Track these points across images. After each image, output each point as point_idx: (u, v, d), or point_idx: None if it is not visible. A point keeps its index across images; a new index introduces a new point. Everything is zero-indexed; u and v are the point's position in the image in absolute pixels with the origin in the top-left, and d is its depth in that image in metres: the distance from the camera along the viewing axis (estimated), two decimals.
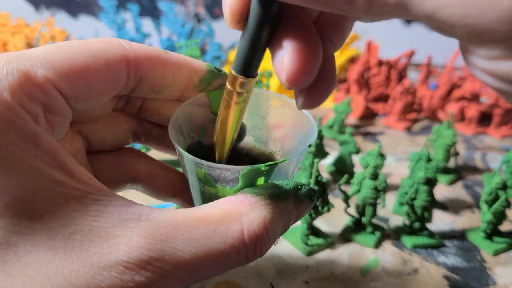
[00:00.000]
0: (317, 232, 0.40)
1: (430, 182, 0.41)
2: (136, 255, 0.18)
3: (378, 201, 0.40)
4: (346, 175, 0.39)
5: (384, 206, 0.40)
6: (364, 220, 0.41)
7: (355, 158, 0.55)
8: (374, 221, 0.42)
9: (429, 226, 0.43)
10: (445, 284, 0.36)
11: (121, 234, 0.18)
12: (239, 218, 0.20)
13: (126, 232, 0.18)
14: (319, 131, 0.48)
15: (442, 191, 0.51)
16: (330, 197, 0.44)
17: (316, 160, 0.37)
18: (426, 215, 0.41)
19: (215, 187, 0.23)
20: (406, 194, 0.42)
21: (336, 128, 0.63)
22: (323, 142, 0.49)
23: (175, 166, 0.29)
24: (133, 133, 0.28)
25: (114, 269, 0.17)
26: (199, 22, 1.05)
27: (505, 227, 0.43)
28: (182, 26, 0.79)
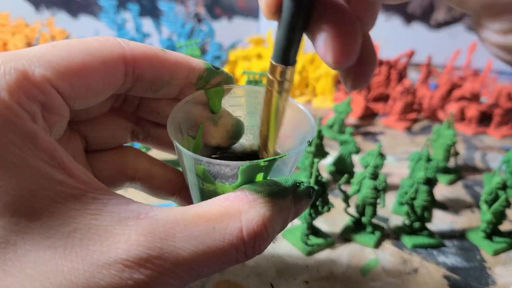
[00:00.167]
0: (317, 232, 0.40)
1: (430, 182, 0.41)
2: (135, 253, 0.18)
3: (378, 201, 0.40)
4: (346, 175, 0.39)
5: (384, 206, 0.40)
6: (364, 220, 0.41)
7: (355, 158, 0.55)
8: (374, 221, 0.42)
9: (429, 226, 0.43)
10: (445, 284, 0.36)
11: (120, 232, 0.18)
12: (238, 215, 0.20)
13: (125, 230, 0.18)
14: (319, 131, 0.48)
15: (442, 191, 0.51)
16: (330, 197, 0.44)
17: (316, 160, 0.37)
18: (426, 215, 0.41)
19: (214, 184, 0.23)
20: (406, 194, 0.42)
21: (336, 128, 0.63)
22: (323, 142, 0.49)
23: (175, 166, 0.29)
24: (131, 131, 0.28)
25: (113, 267, 0.17)
26: (199, 22, 1.05)
27: (505, 227, 0.43)
28: (182, 26, 0.79)
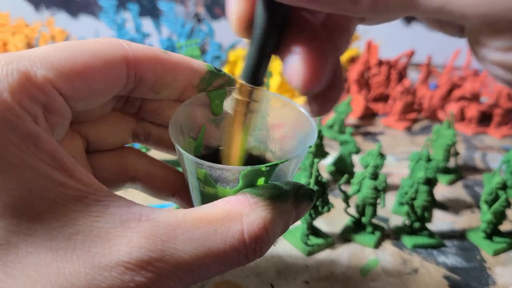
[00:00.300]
0: (317, 232, 0.40)
1: (430, 182, 0.41)
2: (136, 256, 0.18)
3: (378, 201, 0.40)
4: (346, 175, 0.39)
5: (384, 206, 0.40)
6: (364, 220, 0.41)
7: (355, 158, 0.55)
8: (374, 221, 0.42)
9: (429, 226, 0.43)
10: (445, 284, 0.36)
11: (122, 234, 0.18)
12: (239, 218, 0.20)
13: (126, 232, 0.18)
14: (319, 131, 0.48)
15: (442, 191, 0.51)
16: (330, 197, 0.44)
17: (316, 160, 0.37)
18: (426, 215, 0.41)
19: (215, 188, 0.23)
20: (406, 194, 0.42)
21: (336, 128, 0.63)
22: (323, 142, 0.49)
23: (176, 166, 0.29)
24: (132, 133, 0.28)
25: (115, 269, 0.17)
26: (199, 22, 1.05)
27: (505, 227, 0.43)
28: (182, 26, 0.79)
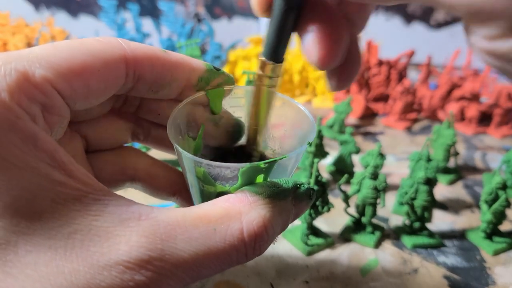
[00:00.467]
0: (317, 232, 0.40)
1: (430, 182, 0.41)
2: (136, 255, 0.18)
3: (378, 201, 0.40)
4: (346, 175, 0.39)
5: (384, 206, 0.40)
6: (364, 220, 0.41)
7: (355, 158, 0.55)
8: (374, 221, 0.42)
9: (429, 226, 0.43)
10: (445, 284, 0.36)
11: (121, 233, 0.18)
12: (239, 217, 0.20)
13: (126, 231, 0.18)
14: (319, 131, 0.48)
15: (442, 191, 0.51)
16: (330, 197, 0.44)
17: (316, 160, 0.37)
18: (426, 215, 0.41)
19: (215, 186, 0.23)
20: (406, 194, 0.42)
21: (336, 128, 0.63)
22: (323, 142, 0.49)
23: (176, 166, 0.29)
24: (131, 132, 0.28)
25: (114, 268, 0.17)
26: (199, 22, 1.05)
27: (505, 227, 0.43)
28: (182, 26, 0.79)
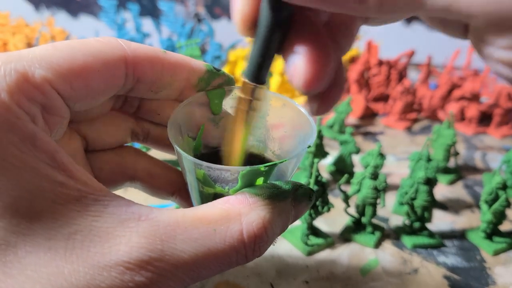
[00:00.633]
0: (317, 232, 0.40)
1: (430, 182, 0.41)
2: (136, 255, 0.18)
3: (378, 201, 0.40)
4: (346, 175, 0.39)
5: (384, 206, 0.40)
6: (364, 220, 0.41)
7: (355, 158, 0.55)
8: (374, 221, 0.42)
9: (429, 226, 0.43)
10: (445, 284, 0.36)
11: (121, 234, 0.18)
12: (238, 218, 0.20)
13: (126, 232, 0.18)
14: (319, 131, 0.48)
15: (442, 191, 0.51)
16: (330, 197, 0.44)
17: (316, 160, 0.37)
18: (426, 215, 0.41)
19: (214, 188, 0.23)
20: (406, 194, 0.42)
21: (336, 128, 0.63)
22: (323, 142, 0.49)
23: (176, 166, 0.29)
24: (131, 132, 0.28)
25: (114, 269, 0.17)
26: (199, 22, 1.05)
27: (505, 227, 0.43)
28: (182, 26, 0.79)
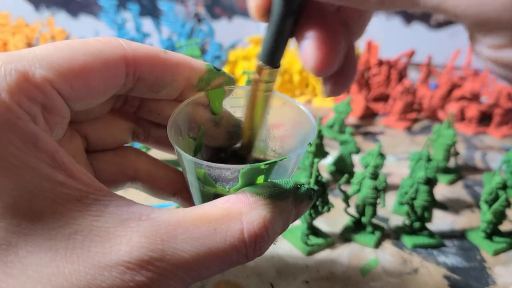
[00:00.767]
0: (317, 232, 0.40)
1: (430, 182, 0.41)
2: (137, 255, 0.18)
3: (378, 201, 0.40)
4: (346, 175, 0.39)
5: (384, 206, 0.40)
6: (364, 220, 0.41)
7: (355, 158, 0.55)
8: (374, 221, 0.42)
9: (429, 226, 0.43)
10: (445, 284, 0.36)
11: (122, 234, 0.18)
12: (239, 217, 0.20)
13: (126, 232, 0.18)
14: (319, 131, 0.48)
15: (442, 191, 0.51)
16: (330, 197, 0.44)
17: (316, 160, 0.37)
18: (426, 215, 0.41)
19: (215, 187, 0.23)
20: (406, 194, 0.42)
21: (336, 128, 0.63)
22: (323, 142, 0.49)
23: (177, 166, 0.29)
24: (132, 132, 0.28)
25: (115, 269, 0.17)
26: (199, 22, 1.05)
27: (505, 227, 0.43)
28: (182, 26, 0.79)
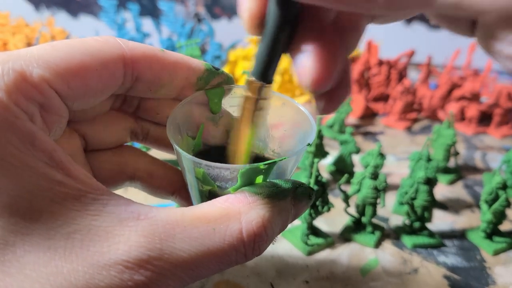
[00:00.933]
0: (317, 231, 0.40)
1: (430, 182, 0.41)
2: (135, 254, 0.18)
3: (378, 200, 0.40)
4: (346, 175, 0.39)
5: (384, 205, 0.40)
6: (364, 219, 0.41)
7: (355, 158, 0.55)
8: (374, 220, 0.42)
9: (429, 225, 0.43)
10: (445, 283, 0.36)
11: (120, 233, 0.18)
12: (238, 217, 0.20)
13: (125, 231, 0.18)
14: (319, 131, 0.48)
15: (442, 191, 0.51)
16: (330, 197, 0.44)
17: (316, 159, 0.37)
18: (426, 215, 0.41)
19: (214, 186, 0.23)
20: (406, 193, 0.42)
21: (336, 127, 0.63)
22: (323, 142, 0.49)
23: (176, 166, 0.29)
24: (130, 131, 0.28)
25: (113, 268, 0.17)
26: (199, 21, 1.05)
27: (505, 227, 0.43)
28: (182, 26, 0.79)
